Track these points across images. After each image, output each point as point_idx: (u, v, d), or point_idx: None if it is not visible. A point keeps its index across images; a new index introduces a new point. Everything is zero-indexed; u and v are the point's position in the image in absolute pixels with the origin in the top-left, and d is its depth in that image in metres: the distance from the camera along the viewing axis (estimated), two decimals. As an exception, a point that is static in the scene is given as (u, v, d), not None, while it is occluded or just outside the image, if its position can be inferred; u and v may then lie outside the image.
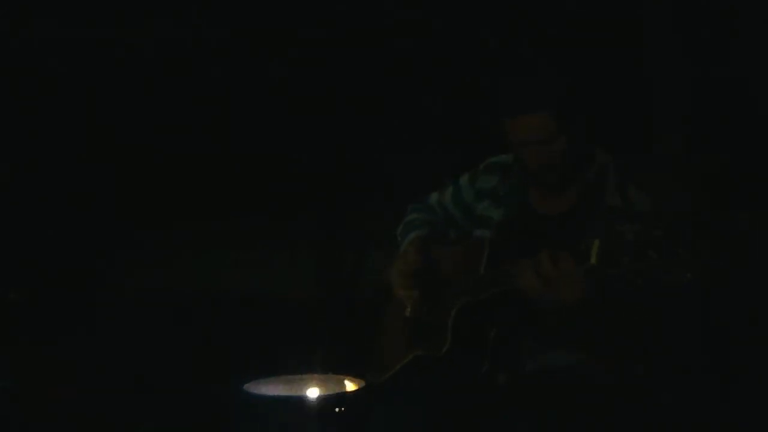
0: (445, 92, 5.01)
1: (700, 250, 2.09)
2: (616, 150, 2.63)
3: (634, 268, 2.15)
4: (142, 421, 3.82)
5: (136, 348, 4.71)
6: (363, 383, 2.68)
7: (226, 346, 4.61)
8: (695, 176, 4.50)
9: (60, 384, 4.27)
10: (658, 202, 2.44)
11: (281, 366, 2.87)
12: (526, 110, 2.46)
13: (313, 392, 2.70)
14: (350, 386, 2.72)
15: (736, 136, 4.45)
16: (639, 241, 2.13)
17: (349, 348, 2.82)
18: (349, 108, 5.15)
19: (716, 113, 4.51)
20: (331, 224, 5.33)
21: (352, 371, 2.78)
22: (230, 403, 2.71)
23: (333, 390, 2.72)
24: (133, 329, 4.98)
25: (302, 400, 2.66)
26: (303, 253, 5.41)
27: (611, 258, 2.17)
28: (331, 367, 2.81)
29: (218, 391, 3.07)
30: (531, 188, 2.63)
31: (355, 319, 2.91)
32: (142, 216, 5.29)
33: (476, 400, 2.47)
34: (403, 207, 2.99)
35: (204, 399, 3.72)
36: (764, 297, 3.35)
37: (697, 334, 2.72)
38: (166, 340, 4.81)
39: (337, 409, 2.58)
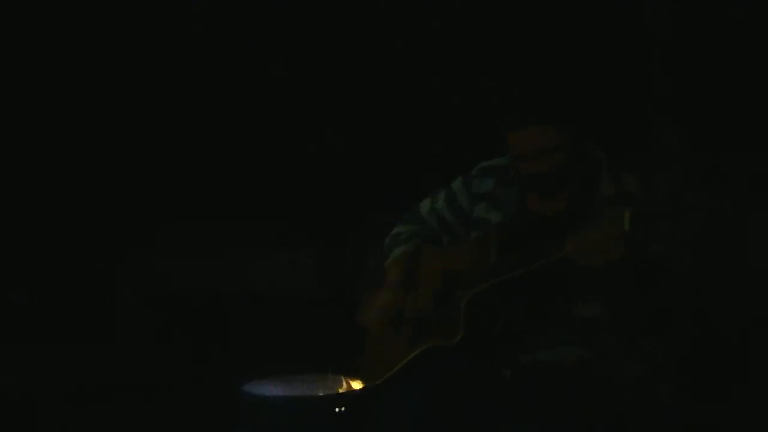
0: (445, 92, 5.01)
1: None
2: (616, 150, 2.63)
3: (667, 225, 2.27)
4: (142, 422, 3.83)
5: (136, 348, 4.72)
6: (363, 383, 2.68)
7: (227, 346, 4.61)
8: (695, 176, 4.49)
9: (59, 384, 4.27)
10: (653, 185, 2.49)
11: (281, 366, 2.88)
12: (529, 123, 2.47)
13: (313, 392, 2.71)
14: (350, 386, 2.73)
15: (735, 135, 4.45)
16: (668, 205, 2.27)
17: (349, 348, 2.83)
18: (349, 108, 5.15)
19: (716, 113, 4.50)
20: (331, 224, 5.33)
21: (352, 371, 2.79)
22: (230, 403, 2.71)
23: (333, 390, 2.72)
24: (133, 329, 4.99)
25: (302, 400, 2.66)
26: (303, 253, 5.42)
27: (642, 223, 2.27)
28: (332, 367, 2.81)
29: (218, 391, 3.08)
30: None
31: (355, 319, 2.92)
32: (142, 215, 5.29)
33: (480, 396, 2.48)
34: (402, 207, 2.99)
35: (204, 399, 3.73)
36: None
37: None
38: (167, 339, 4.82)
39: (337, 409, 2.59)
